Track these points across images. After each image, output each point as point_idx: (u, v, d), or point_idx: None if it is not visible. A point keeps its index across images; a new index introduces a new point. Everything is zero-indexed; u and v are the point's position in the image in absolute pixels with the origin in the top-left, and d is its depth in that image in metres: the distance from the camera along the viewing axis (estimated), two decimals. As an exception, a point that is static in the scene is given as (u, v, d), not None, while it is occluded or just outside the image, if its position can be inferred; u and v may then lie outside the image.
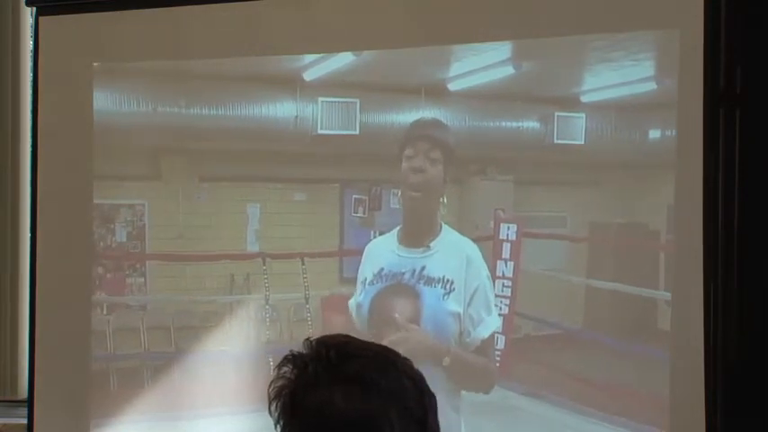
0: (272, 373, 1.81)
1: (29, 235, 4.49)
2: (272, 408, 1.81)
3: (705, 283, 3.36)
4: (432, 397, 1.86)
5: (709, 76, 3.37)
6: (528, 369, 3.59)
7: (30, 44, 4.81)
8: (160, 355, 4.07)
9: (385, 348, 1.87)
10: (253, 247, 3.98)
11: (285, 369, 1.81)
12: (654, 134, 3.44)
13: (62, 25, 4.25)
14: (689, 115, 3.37)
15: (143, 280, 4.14)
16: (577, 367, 3.50)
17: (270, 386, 1.81)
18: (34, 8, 4.47)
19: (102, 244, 4.19)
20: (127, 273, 4.17)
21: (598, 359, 3.46)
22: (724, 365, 3.39)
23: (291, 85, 3.94)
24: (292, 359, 1.81)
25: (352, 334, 1.88)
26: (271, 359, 1.73)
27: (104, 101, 4.19)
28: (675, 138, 3.41)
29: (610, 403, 3.45)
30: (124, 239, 4.16)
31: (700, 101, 3.36)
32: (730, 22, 3.40)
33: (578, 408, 3.49)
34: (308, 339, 1.82)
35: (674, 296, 3.41)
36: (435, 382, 1.89)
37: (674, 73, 3.42)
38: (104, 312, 4.19)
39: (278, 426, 1.81)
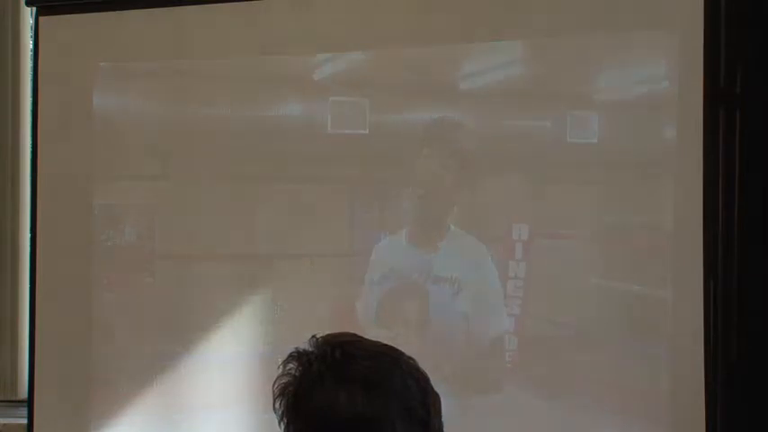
0: (278, 370, 1.82)
1: (29, 235, 4.49)
2: (277, 405, 1.82)
3: (705, 283, 3.36)
4: (436, 397, 1.87)
5: (709, 76, 3.37)
6: (540, 370, 3.58)
7: (30, 44, 4.81)
8: (166, 355, 4.07)
9: (390, 348, 1.87)
10: (261, 247, 3.98)
11: (290, 366, 1.82)
12: (658, 133, 3.43)
13: (62, 25, 4.25)
14: (689, 115, 3.37)
15: (152, 280, 4.14)
16: (589, 368, 3.49)
17: (275, 383, 1.82)
18: (34, 8, 4.46)
19: (110, 243, 4.18)
20: (135, 272, 4.16)
21: (609, 359, 3.45)
22: (724, 365, 3.39)
23: (300, 84, 3.93)
24: (298, 356, 1.82)
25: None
26: (279, 360, 1.74)
27: (107, 100, 4.19)
28: (676, 138, 3.41)
29: (617, 403, 3.45)
30: (134, 239, 4.16)
31: (700, 101, 3.37)
32: (730, 22, 3.40)
33: (590, 408, 3.48)
34: (314, 337, 1.83)
35: (673, 296, 3.41)
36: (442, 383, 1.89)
37: (674, 73, 3.42)
38: (111, 311, 4.18)
39: (282, 423, 1.82)
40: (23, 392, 4.62)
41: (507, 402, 3.60)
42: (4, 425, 4.65)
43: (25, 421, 4.31)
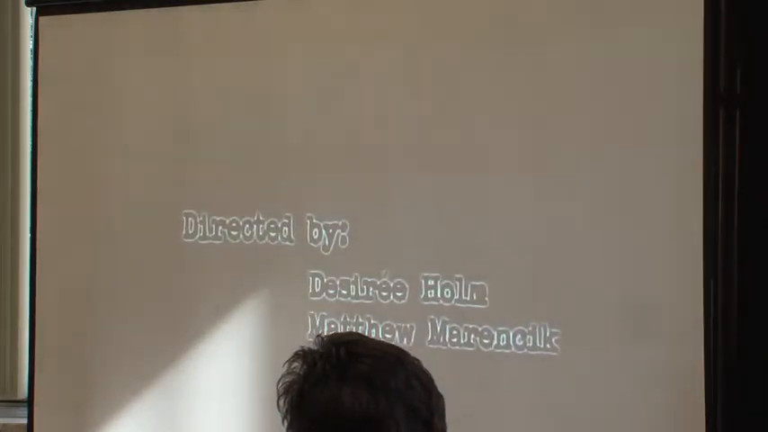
0: (283, 369, 1.83)
1: (29, 235, 4.50)
2: (281, 403, 1.83)
3: (705, 283, 3.37)
4: (440, 398, 1.88)
5: (709, 77, 3.38)
6: (540, 369, 3.58)
7: (30, 44, 4.81)
8: (166, 354, 4.07)
9: (395, 348, 1.88)
10: (262, 245, 3.98)
11: (295, 365, 1.83)
12: (658, 133, 3.44)
13: (62, 25, 4.26)
14: (689, 115, 3.38)
15: (152, 280, 4.14)
16: (589, 367, 3.50)
17: (279, 381, 1.83)
18: (34, 8, 4.47)
19: (110, 243, 4.18)
20: (135, 272, 4.16)
21: (609, 359, 3.46)
22: (724, 365, 3.40)
23: (299, 84, 3.94)
24: (302, 355, 1.83)
25: None
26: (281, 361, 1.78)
27: (105, 100, 4.19)
28: (675, 138, 3.42)
29: (617, 403, 3.46)
30: (133, 239, 4.16)
31: (700, 101, 3.37)
32: (730, 23, 3.41)
33: (589, 408, 3.48)
34: (319, 336, 1.84)
35: (673, 296, 3.41)
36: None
37: (674, 73, 3.43)
38: (111, 311, 4.18)
39: (285, 421, 1.83)
40: (23, 392, 4.62)
41: (507, 401, 3.60)
42: (4, 425, 4.66)
43: (25, 421, 4.31)
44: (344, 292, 3.80)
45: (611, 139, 3.51)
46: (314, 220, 3.86)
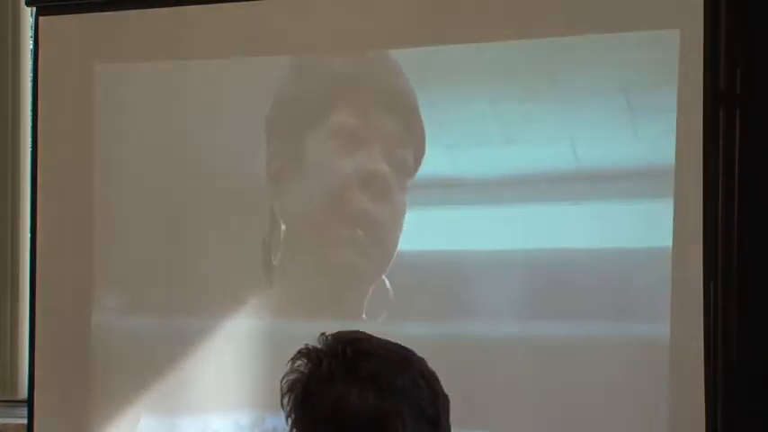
0: (286, 367, 1.83)
1: (29, 235, 4.49)
2: (284, 401, 1.83)
3: (705, 284, 3.37)
4: (445, 398, 1.88)
5: (709, 76, 3.38)
6: (539, 369, 3.58)
7: (30, 44, 4.81)
8: (166, 354, 4.07)
9: (401, 347, 1.88)
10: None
11: (299, 363, 1.82)
12: (658, 133, 3.44)
13: (62, 25, 4.25)
14: (689, 115, 3.38)
15: (153, 280, 4.13)
16: (589, 367, 3.50)
17: (283, 379, 1.83)
18: (34, 8, 4.47)
19: (110, 243, 4.18)
20: (135, 272, 4.16)
21: (609, 359, 3.46)
22: (724, 365, 3.40)
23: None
24: (307, 353, 1.82)
25: None
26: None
27: (106, 101, 4.19)
28: (676, 137, 3.42)
29: (617, 403, 3.46)
30: (133, 238, 4.15)
31: (700, 101, 3.38)
32: (730, 22, 3.42)
33: (589, 408, 3.48)
34: (323, 334, 1.84)
35: (673, 296, 3.41)
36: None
37: (673, 73, 3.43)
38: (111, 311, 4.18)
39: (289, 419, 1.83)
40: (23, 392, 4.61)
41: (506, 400, 3.60)
42: (4, 425, 4.65)
43: (25, 421, 4.31)
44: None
45: (609, 139, 3.52)
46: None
